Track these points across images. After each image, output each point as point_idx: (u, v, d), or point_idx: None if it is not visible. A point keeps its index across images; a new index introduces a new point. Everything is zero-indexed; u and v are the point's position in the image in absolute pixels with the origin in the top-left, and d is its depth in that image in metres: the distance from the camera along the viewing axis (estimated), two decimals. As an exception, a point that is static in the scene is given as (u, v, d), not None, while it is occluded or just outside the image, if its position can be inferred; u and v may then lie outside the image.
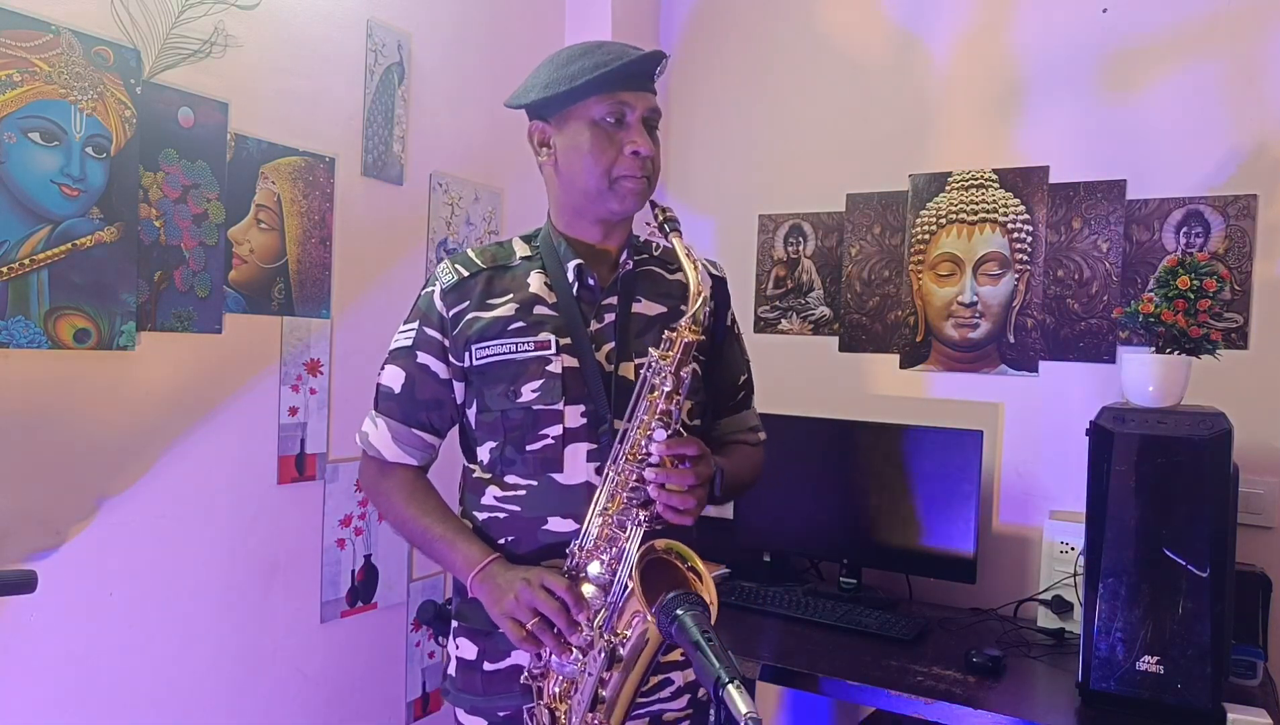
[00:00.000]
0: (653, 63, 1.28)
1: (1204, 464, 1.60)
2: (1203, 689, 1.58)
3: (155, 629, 1.69)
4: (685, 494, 1.18)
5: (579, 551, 1.23)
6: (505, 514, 1.32)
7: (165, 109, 1.65)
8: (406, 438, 1.39)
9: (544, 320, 1.31)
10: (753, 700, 0.93)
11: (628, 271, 1.36)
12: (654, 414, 1.20)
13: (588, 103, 1.27)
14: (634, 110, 1.28)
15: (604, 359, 1.31)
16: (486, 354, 1.31)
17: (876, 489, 2.28)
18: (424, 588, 2.28)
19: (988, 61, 2.35)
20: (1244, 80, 2.07)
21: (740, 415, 1.51)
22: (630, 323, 1.33)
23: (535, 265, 1.36)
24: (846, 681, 1.77)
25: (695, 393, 1.35)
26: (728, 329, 1.47)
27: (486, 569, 1.27)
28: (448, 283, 1.36)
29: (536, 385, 1.29)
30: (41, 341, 1.48)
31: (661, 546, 1.17)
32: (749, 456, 1.49)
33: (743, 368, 1.52)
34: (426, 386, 1.37)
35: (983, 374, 2.36)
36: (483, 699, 1.35)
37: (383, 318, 2.14)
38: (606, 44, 1.30)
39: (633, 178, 1.28)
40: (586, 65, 1.26)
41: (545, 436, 1.29)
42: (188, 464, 1.73)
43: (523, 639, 1.21)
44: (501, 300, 1.33)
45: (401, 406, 1.38)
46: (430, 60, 2.23)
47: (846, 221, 2.54)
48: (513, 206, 2.51)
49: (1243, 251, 2.07)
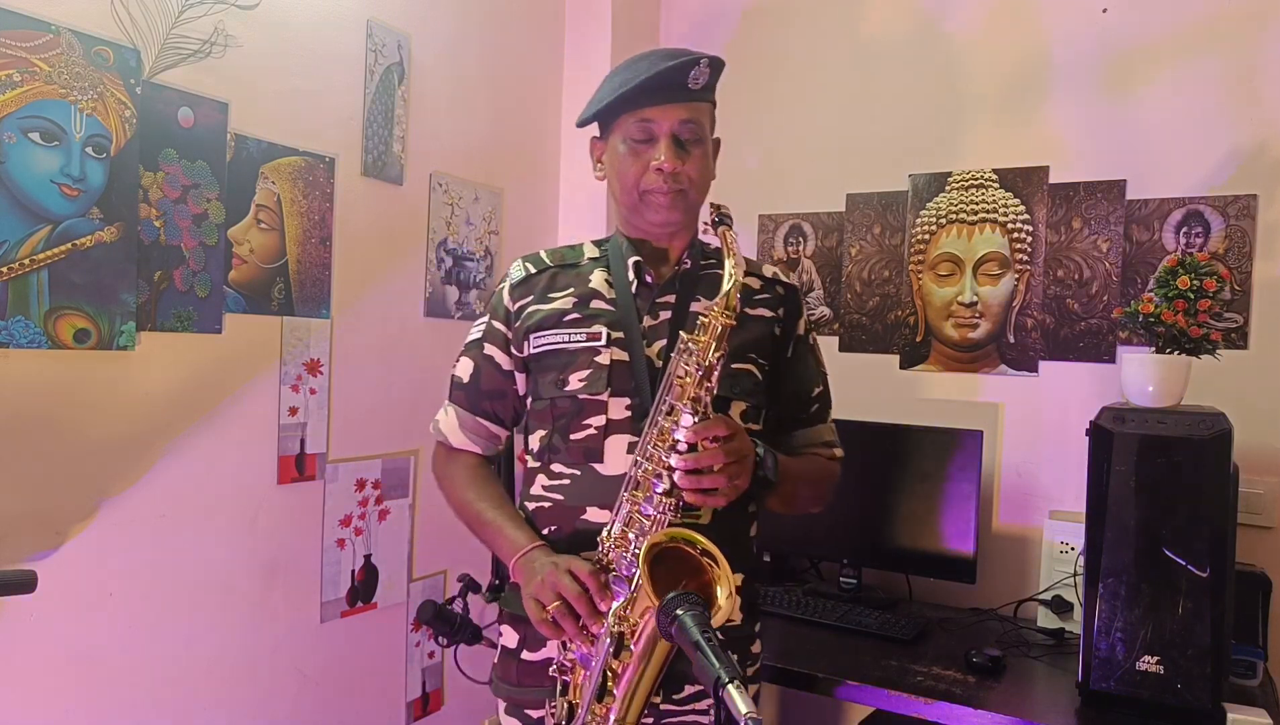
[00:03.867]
0: (682, 73, 1.27)
1: (1204, 464, 1.60)
2: (1203, 689, 1.58)
3: (155, 629, 1.69)
4: (714, 474, 1.17)
5: (607, 539, 1.23)
6: (550, 503, 1.35)
7: (165, 109, 1.65)
8: (471, 425, 1.46)
9: (599, 313, 1.35)
10: (753, 700, 0.93)
11: (686, 270, 1.38)
12: (684, 399, 1.19)
13: (621, 120, 1.32)
14: (660, 125, 1.29)
15: (655, 355, 1.32)
16: (542, 343, 1.36)
17: (876, 489, 2.27)
18: (424, 588, 2.28)
19: (988, 61, 2.35)
20: (1244, 80, 2.07)
21: (814, 429, 1.49)
22: (685, 321, 1.34)
23: (600, 265, 1.41)
24: (846, 681, 1.77)
25: (750, 396, 1.35)
26: (800, 338, 1.46)
27: (527, 554, 1.29)
28: (517, 278, 1.42)
29: (584, 375, 1.32)
30: (41, 341, 1.48)
31: (665, 537, 1.14)
32: (819, 465, 1.47)
33: (817, 380, 1.49)
34: (491, 377, 1.43)
35: (983, 374, 2.36)
36: (516, 689, 1.37)
37: (383, 318, 2.14)
38: (649, 55, 1.31)
39: (660, 192, 1.31)
40: (615, 83, 1.30)
41: (589, 426, 1.31)
42: (188, 464, 1.73)
43: (541, 621, 1.22)
44: (562, 293, 1.38)
45: (468, 395, 1.45)
46: (430, 60, 2.23)
47: (846, 221, 2.54)
48: (513, 206, 2.51)
49: (1243, 251, 2.07)
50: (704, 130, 1.34)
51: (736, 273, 1.21)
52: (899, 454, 2.26)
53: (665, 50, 1.31)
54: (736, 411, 1.33)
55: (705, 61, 1.28)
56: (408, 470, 2.21)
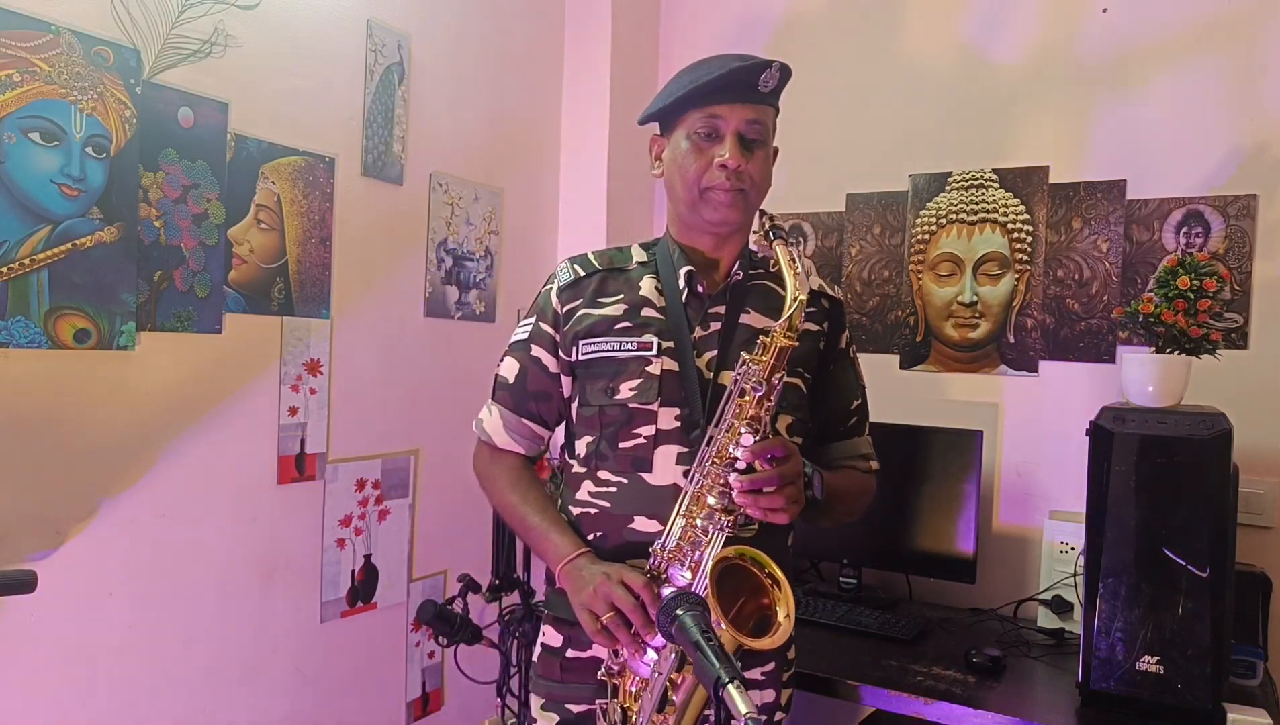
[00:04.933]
0: (753, 74, 1.27)
1: (1204, 464, 1.60)
2: (1203, 689, 1.58)
3: (155, 629, 1.69)
4: (773, 494, 1.18)
5: (661, 552, 1.24)
6: (596, 510, 1.35)
7: (165, 109, 1.65)
8: (516, 426, 1.45)
9: (650, 322, 1.35)
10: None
11: (738, 281, 1.38)
12: (743, 419, 1.20)
13: (687, 116, 1.31)
14: (728, 122, 1.29)
15: (704, 366, 1.32)
16: (591, 350, 1.35)
17: (876, 489, 2.27)
18: (424, 588, 2.28)
19: (988, 61, 2.35)
20: (1244, 80, 2.07)
21: (851, 442, 1.49)
22: (736, 333, 1.34)
23: (649, 271, 1.40)
24: (846, 681, 1.77)
25: (797, 409, 1.36)
26: (842, 352, 1.47)
27: (574, 561, 1.30)
28: (565, 281, 1.41)
29: (634, 384, 1.32)
30: (41, 341, 1.48)
31: (735, 553, 1.16)
32: (857, 480, 1.47)
33: (856, 393, 1.50)
34: (537, 379, 1.42)
35: (983, 374, 2.36)
36: (559, 686, 1.37)
37: (383, 318, 2.14)
38: (719, 57, 1.31)
39: (722, 190, 1.30)
40: (685, 80, 1.30)
41: (638, 435, 1.32)
42: (188, 464, 1.73)
43: (596, 632, 1.22)
44: (612, 299, 1.38)
45: (513, 396, 1.44)
46: (430, 60, 2.23)
47: (846, 221, 2.54)
48: (513, 206, 2.51)
49: (1243, 251, 2.07)
50: (768, 133, 1.34)
51: (800, 293, 1.21)
52: (899, 454, 2.26)
53: (736, 54, 1.31)
54: (783, 424, 1.34)
55: (776, 66, 1.28)
56: (408, 470, 2.21)
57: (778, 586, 1.14)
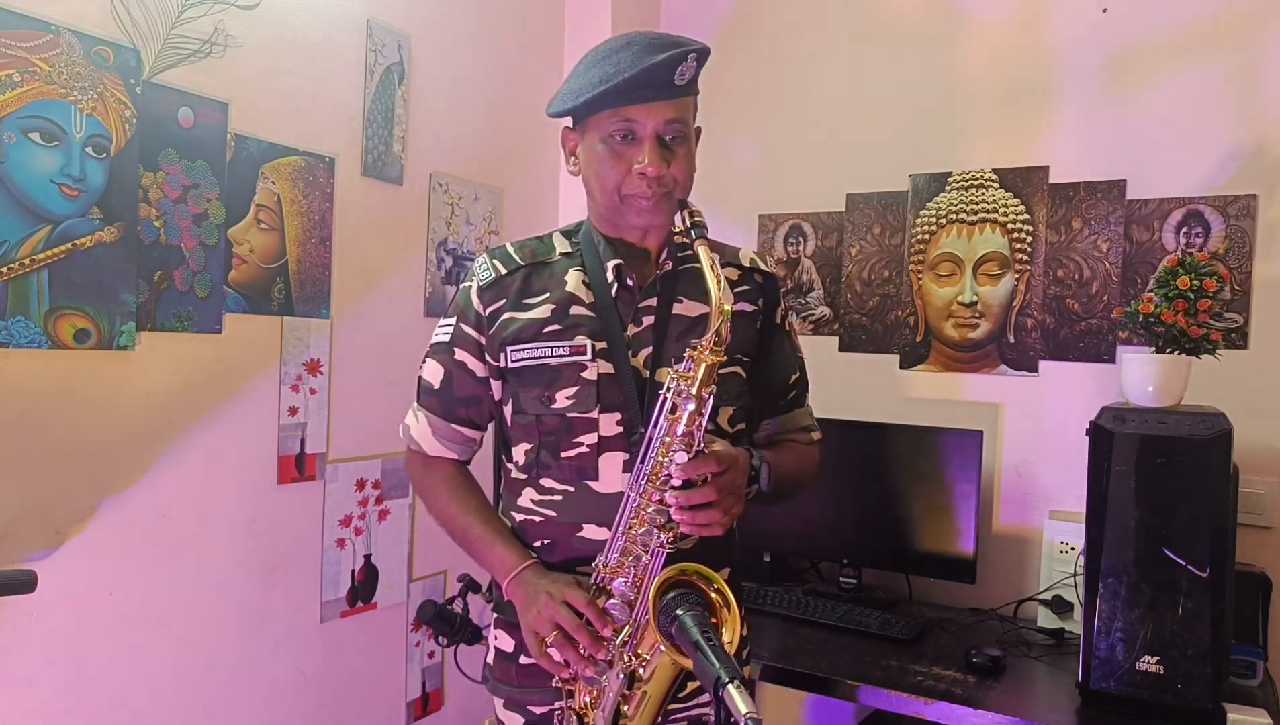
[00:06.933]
0: (668, 69, 1.17)
1: (1204, 464, 1.60)
2: (1203, 689, 1.58)
3: (155, 629, 1.69)
4: (709, 509, 1.15)
5: (603, 568, 1.22)
6: (541, 518, 1.31)
7: (165, 109, 1.65)
8: (446, 432, 1.40)
9: (580, 322, 1.29)
10: (753, 700, 0.93)
11: (666, 272, 1.33)
12: (675, 436, 1.15)
13: (599, 116, 1.23)
14: (644, 126, 1.21)
15: (641, 364, 1.28)
16: (522, 357, 1.29)
17: (876, 489, 2.28)
18: (424, 588, 2.28)
19: (988, 61, 2.35)
20: (1244, 80, 2.07)
21: (792, 414, 1.46)
22: (670, 326, 1.30)
23: (575, 262, 1.34)
24: (846, 681, 1.77)
25: (738, 398, 1.33)
26: (778, 326, 1.42)
27: (520, 575, 1.27)
28: (485, 280, 1.34)
29: (571, 392, 1.27)
30: (41, 341, 1.48)
31: (676, 571, 1.12)
32: (801, 453, 1.44)
33: (794, 366, 1.45)
34: (464, 383, 1.36)
35: (983, 374, 2.36)
36: (518, 690, 1.35)
37: (383, 318, 2.14)
38: (629, 45, 1.21)
39: (643, 197, 1.23)
40: (593, 78, 1.20)
41: (580, 444, 1.27)
42: (188, 464, 1.73)
43: (541, 655, 1.21)
44: (538, 300, 1.31)
45: (441, 402, 1.38)
46: (430, 60, 2.23)
47: (846, 221, 2.54)
48: (512, 206, 2.51)
49: (1243, 251, 2.07)
50: (689, 127, 1.26)
51: (725, 303, 1.14)
52: (899, 454, 2.26)
53: (648, 40, 1.20)
54: (725, 417, 1.30)
55: (693, 56, 1.19)
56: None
57: (726, 607, 1.11)
